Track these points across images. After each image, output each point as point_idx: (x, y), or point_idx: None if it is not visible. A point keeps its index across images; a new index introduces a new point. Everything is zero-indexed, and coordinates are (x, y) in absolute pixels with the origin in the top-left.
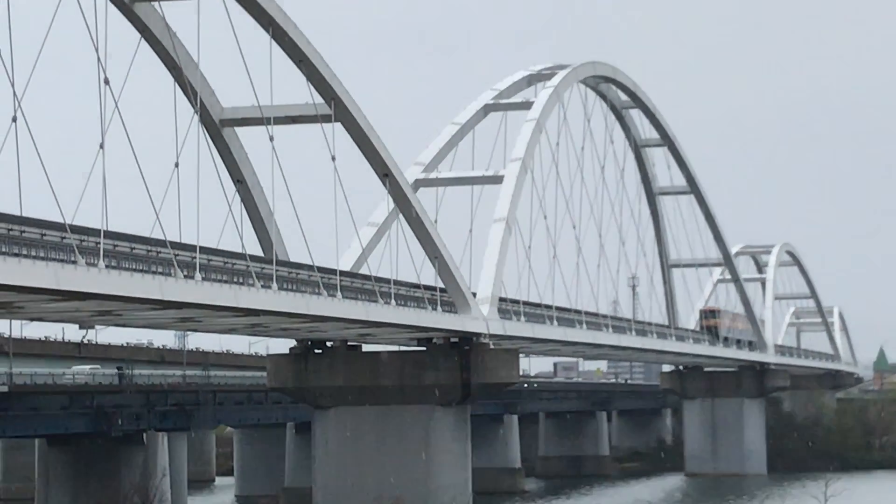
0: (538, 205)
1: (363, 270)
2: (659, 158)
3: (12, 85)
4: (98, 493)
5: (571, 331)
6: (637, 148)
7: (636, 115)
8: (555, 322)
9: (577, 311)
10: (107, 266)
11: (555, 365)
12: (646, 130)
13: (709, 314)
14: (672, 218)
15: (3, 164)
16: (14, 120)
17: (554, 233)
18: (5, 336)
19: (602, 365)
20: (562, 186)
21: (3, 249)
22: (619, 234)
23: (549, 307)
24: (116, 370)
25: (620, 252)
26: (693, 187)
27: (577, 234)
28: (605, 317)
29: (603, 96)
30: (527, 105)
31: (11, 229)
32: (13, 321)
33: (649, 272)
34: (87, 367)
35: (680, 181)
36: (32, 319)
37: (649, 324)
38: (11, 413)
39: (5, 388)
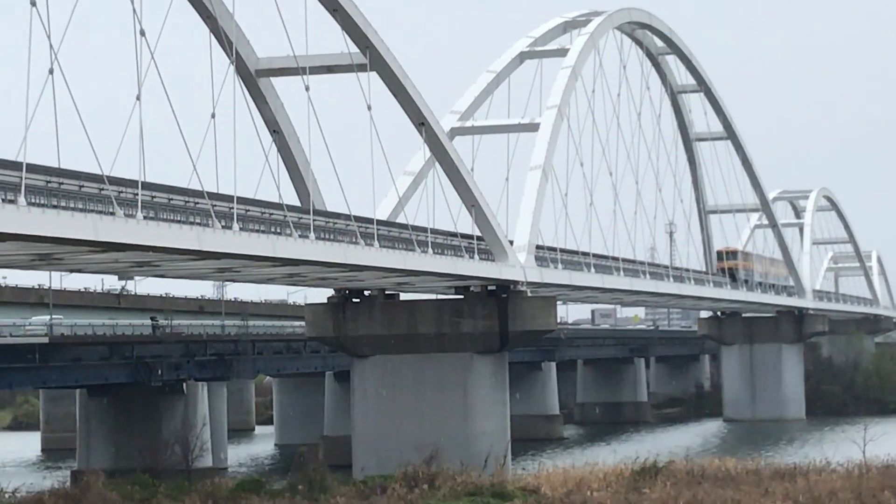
0: (574, 152)
1: (400, 219)
2: (695, 104)
3: (48, 37)
4: (139, 443)
5: (609, 278)
6: (673, 94)
7: (672, 61)
8: (592, 269)
9: (615, 258)
10: (145, 217)
11: (592, 312)
12: (682, 76)
13: (727, 255)
14: (709, 164)
15: (40, 117)
16: (51, 72)
17: (590, 180)
18: (45, 287)
19: (640, 311)
20: (598, 133)
21: (43, 201)
22: (655, 180)
23: (586, 254)
24: (150, 320)
25: (657, 198)
26: (730, 133)
27: (614, 181)
28: (642, 263)
29: (639, 43)
30: (562, 52)
31: (50, 181)
32: (53, 272)
33: (686, 218)
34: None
35: (717, 127)
36: (72, 271)
37: (687, 270)
38: (52, 364)
39: (46, 339)
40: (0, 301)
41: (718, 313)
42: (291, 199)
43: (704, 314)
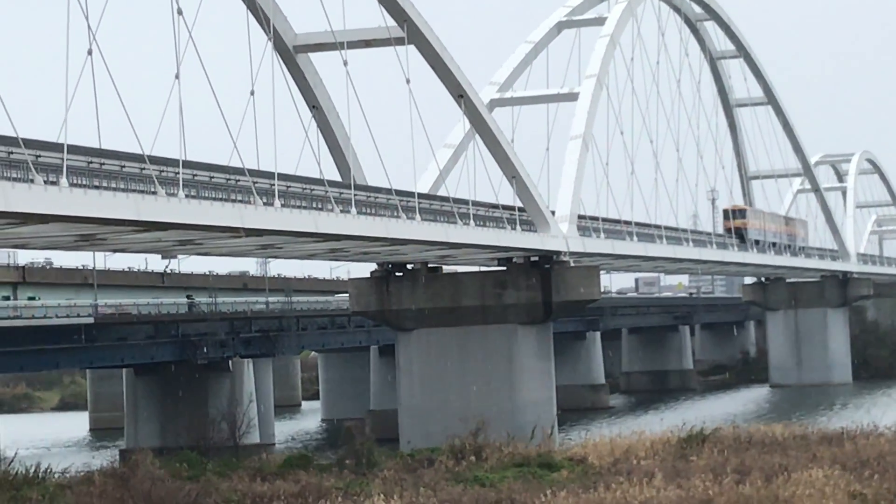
0: (614, 121)
1: (441, 192)
2: (735, 70)
3: (86, 18)
4: (186, 421)
5: (651, 246)
6: (713, 60)
7: (711, 27)
8: (634, 238)
9: (657, 226)
10: (186, 196)
11: (636, 280)
12: (721, 42)
13: (733, 214)
14: (750, 129)
15: (80, 98)
16: (90, 53)
17: (631, 148)
18: (90, 268)
19: (683, 279)
20: (638, 102)
21: (84, 182)
22: (696, 147)
23: (628, 223)
24: (186, 298)
25: (699, 165)
26: (770, 98)
27: (655, 149)
28: (685, 231)
29: (677, 9)
30: (600, 21)
31: (91, 162)
32: (97, 253)
33: (728, 185)
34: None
35: (757, 92)
36: (115, 251)
37: (730, 236)
38: (98, 344)
39: (91, 320)
40: (45, 282)
41: (762, 279)
42: (332, 174)
43: (748, 280)
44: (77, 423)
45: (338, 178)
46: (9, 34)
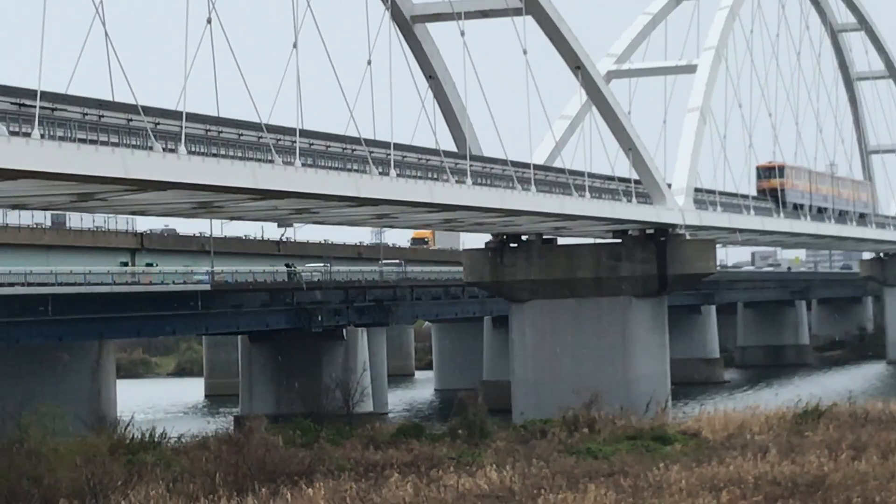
0: (733, 93)
1: (557, 163)
2: (856, 43)
3: None
4: (300, 388)
5: (769, 220)
6: (833, 33)
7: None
8: (752, 211)
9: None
10: (303, 164)
11: (752, 254)
12: (842, 15)
13: (767, 172)
14: (871, 103)
15: (199, 66)
16: (209, 21)
17: (749, 121)
18: (206, 235)
19: (800, 253)
20: (757, 74)
21: (202, 150)
22: (816, 121)
23: (745, 196)
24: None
25: (818, 139)
26: (892, 71)
27: (773, 123)
28: (802, 206)
29: None
30: None
31: (209, 130)
32: (214, 221)
33: (848, 159)
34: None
35: (878, 65)
36: (232, 219)
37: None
38: (214, 311)
39: (207, 287)
40: (163, 249)
41: (881, 254)
42: (448, 144)
43: (867, 255)
44: (192, 390)
45: (453, 149)
46: (130, 2)
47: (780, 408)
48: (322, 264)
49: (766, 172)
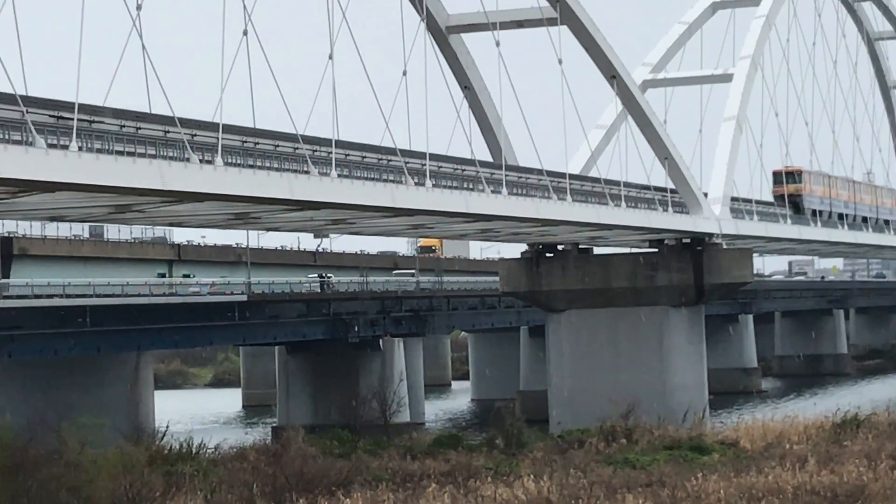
0: (769, 102)
1: (592, 173)
2: (893, 51)
3: None
4: (337, 399)
5: (805, 229)
6: (870, 41)
7: (868, 8)
8: (788, 220)
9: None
10: (339, 175)
11: (789, 263)
12: (879, 23)
13: (787, 177)
14: None
15: (235, 78)
16: (245, 33)
17: (786, 130)
18: (243, 246)
19: (838, 262)
20: (793, 83)
21: (239, 161)
22: (853, 129)
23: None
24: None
25: (854, 148)
26: None
27: (810, 132)
28: (840, 216)
29: None
30: (755, 1)
31: (246, 141)
32: (250, 232)
33: (885, 167)
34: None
35: None
36: (269, 230)
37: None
38: (251, 321)
39: (244, 297)
40: (200, 260)
41: None
42: (483, 154)
43: None
44: (230, 400)
45: (489, 159)
46: (166, 14)
47: (818, 417)
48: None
49: (784, 177)
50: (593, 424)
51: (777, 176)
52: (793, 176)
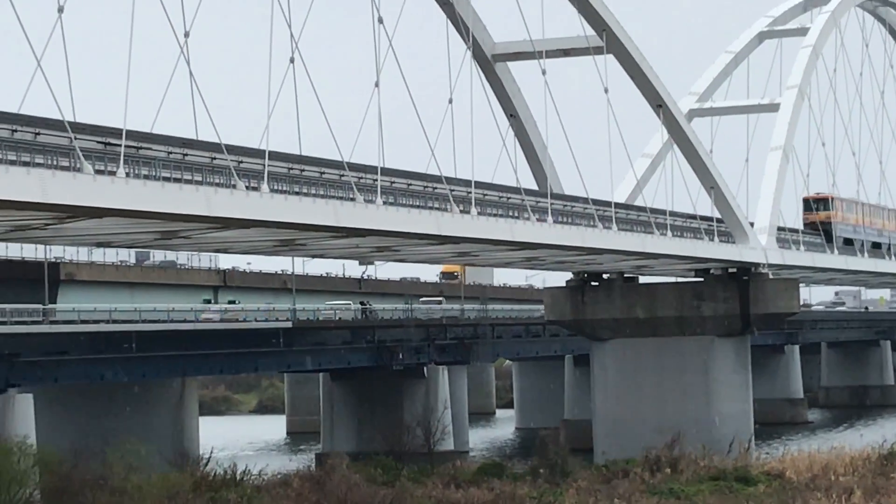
0: (816, 132)
1: (638, 202)
2: None
3: (289, 26)
4: (381, 426)
5: (853, 259)
6: None
7: None
8: (835, 251)
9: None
10: (384, 202)
11: (836, 294)
12: None
13: (816, 205)
14: None
15: (282, 105)
16: (292, 61)
17: (833, 161)
18: (289, 273)
19: (885, 293)
20: (840, 113)
21: (285, 188)
22: None
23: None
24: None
25: None
26: None
27: (857, 162)
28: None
29: (882, 20)
30: (803, 31)
31: (292, 168)
32: (296, 258)
33: None
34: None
35: None
36: (314, 256)
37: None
38: (296, 348)
39: (289, 324)
40: (246, 286)
41: None
42: (529, 182)
43: None
44: (274, 427)
45: (534, 187)
46: (214, 42)
47: (864, 449)
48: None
49: (813, 204)
50: (638, 454)
51: (807, 203)
52: (824, 203)
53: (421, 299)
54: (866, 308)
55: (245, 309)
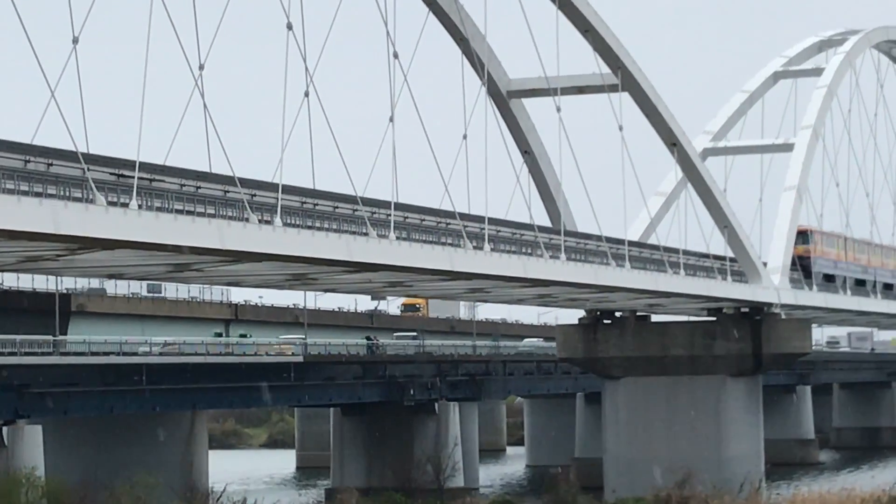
0: (830, 173)
1: (652, 240)
2: None
3: (304, 60)
4: (391, 462)
5: (865, 300)
6: None
7: None
8: (848, 291)
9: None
10: (397, 238)
11: (848, 335)
12: None
13: (795, 238)
14: None
15: (296, 139)
16: (306, 95)
17: (847, 201)
18: (300, 307)
19: None
20: (854, 154)
21: (298, 222)
22: None
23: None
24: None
25: None
26: None
27: (871, 202)
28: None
29: None
30: (818, 71)
31: (305, 202)
32: (307, 293)
33: None
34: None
35: None
36: (326, 291)
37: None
38: (307, 382)
39: (300, 359)
40: (257, 320)
41: None
42: (542, 219)
43: None
44: (284, 461)
45: (548, 224)
46: (229, 74)
47: (875, 490)
48: (413, 335)
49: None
50: (648, 493)
51: None
52: (802, 236)
53: (395, 335)
54: (873, 349)
55: (256, 343)
